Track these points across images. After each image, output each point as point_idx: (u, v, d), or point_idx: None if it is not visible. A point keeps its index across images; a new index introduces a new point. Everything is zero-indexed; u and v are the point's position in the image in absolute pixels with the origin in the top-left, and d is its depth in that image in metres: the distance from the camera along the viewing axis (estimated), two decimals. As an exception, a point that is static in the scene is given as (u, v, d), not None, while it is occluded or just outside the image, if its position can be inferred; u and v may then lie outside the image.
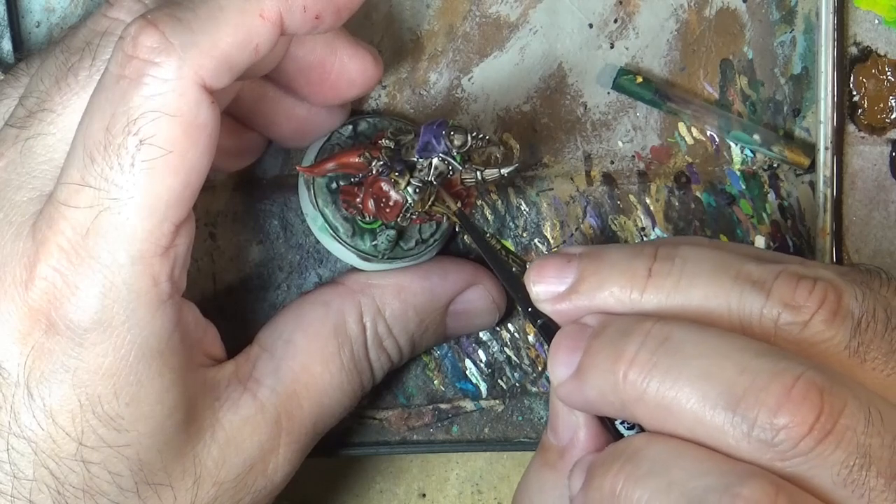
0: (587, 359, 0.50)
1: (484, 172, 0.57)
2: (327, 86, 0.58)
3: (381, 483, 0.67)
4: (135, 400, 0.53)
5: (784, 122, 0.63)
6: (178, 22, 0.51)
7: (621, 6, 0.62)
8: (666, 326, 0.49)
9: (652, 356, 0.49)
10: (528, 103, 0.63)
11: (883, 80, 0.62)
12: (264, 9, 0.52)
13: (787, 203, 0.63)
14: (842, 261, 0.62)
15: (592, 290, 0.52)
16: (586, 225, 0.63)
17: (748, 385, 0.47)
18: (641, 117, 0.63)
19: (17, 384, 0.52)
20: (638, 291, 0.51)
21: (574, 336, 0.51)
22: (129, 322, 0.52)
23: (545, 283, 0.53)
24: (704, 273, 0.50)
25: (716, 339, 0.49)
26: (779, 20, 0.62)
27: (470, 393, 0.64)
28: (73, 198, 0.51)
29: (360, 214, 0.58)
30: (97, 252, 0.51)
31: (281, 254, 0.63)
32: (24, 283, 0.52)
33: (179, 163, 0.51)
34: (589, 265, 0.52)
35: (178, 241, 0.52)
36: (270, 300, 0.63)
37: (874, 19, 0.62)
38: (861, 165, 0.62)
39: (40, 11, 0.62)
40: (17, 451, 0.52)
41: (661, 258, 0.51)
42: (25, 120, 0.54)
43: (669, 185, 0.63)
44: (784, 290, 0.49)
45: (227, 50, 0.51)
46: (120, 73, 0.51)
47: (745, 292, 0.50)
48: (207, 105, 0.51)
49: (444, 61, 0.63)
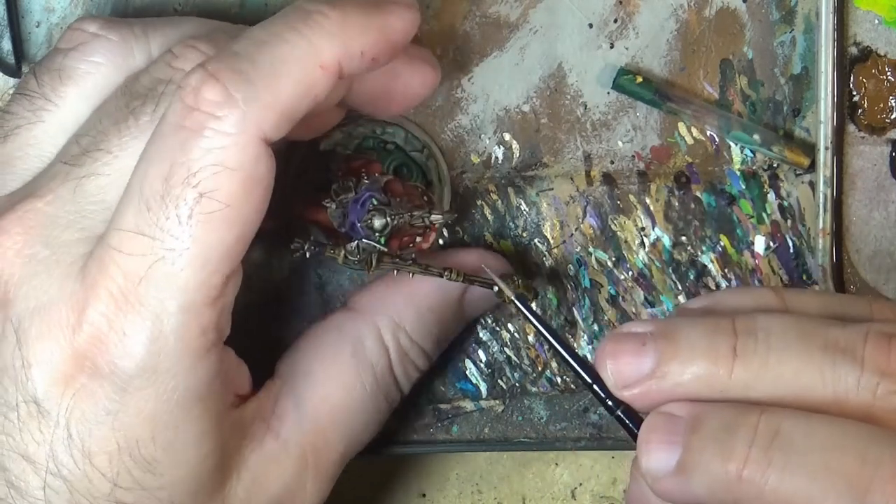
0: (691, 456, 0.48)
1: (431, 217, 0.58)
2: (393, 104, 0.59)
3: (381, 483, 0.67)
4: (172, 445, 0.53)
5: (784, 122, 0.63)
6: (239, 75, 0.51)
7: (621, 6, 0.62)
8: (773, 418, 0.48)
9: (766, 453, 0.47)
10: (528, 103, 0.63)
11: (883, 80, 0.62)
12: (324, 60, 0.51)
13: (787, 203, 0.63)
14: (842, 261, 0.62)
15: (676, 373, 0.49)
16: (586, 225, 0.63)
17: (872, 475, 0.46)
18: (641, 117, 0.63)
19: (58, 424, 0.52)
20: (725, 372, 0.49)
21: (667, 429, 0.49)
22: (175, 370, 0.52)
23: (623, 368, 0.50)
24: (791, 346, 0.49)
25: (827, 427, 0.47)
26: (779, 20, 0.62)
27: (470, 393, 0.64)
28: (126, 244, 0.51)
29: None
30: (147, 300, 0.51)
31: (281, 254, 0.64)
32: (72, 326, 0.52)
33: (236, 216, 0.51)
34: (667, 347, 0.50)
35: (227, 290, 0.52)
36: (270, 300, 0.63)
37: (874, 19, 0.62)
38: (861, 165, 0.62)
39: (40, 11, 0.62)
40: (52, 490, 0.52)
41: (742, 333, 0.49)
42: (79, 158, 0.54)
43: (669, 185, 0.63)
44: (878, 357, 0.48)
45: (288, 102, 0.51)
46: (180, 123, 0.51)
47: (837, 363, 0.48)
48: (266, 158, 0.51)
49: (444, 61, 0.63)
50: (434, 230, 0.60)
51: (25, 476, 0.52)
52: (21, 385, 0.52)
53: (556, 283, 0.64)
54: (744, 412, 0.48)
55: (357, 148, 0.62)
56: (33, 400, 0.52)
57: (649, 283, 0.64)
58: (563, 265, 0.64)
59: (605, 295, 0.64)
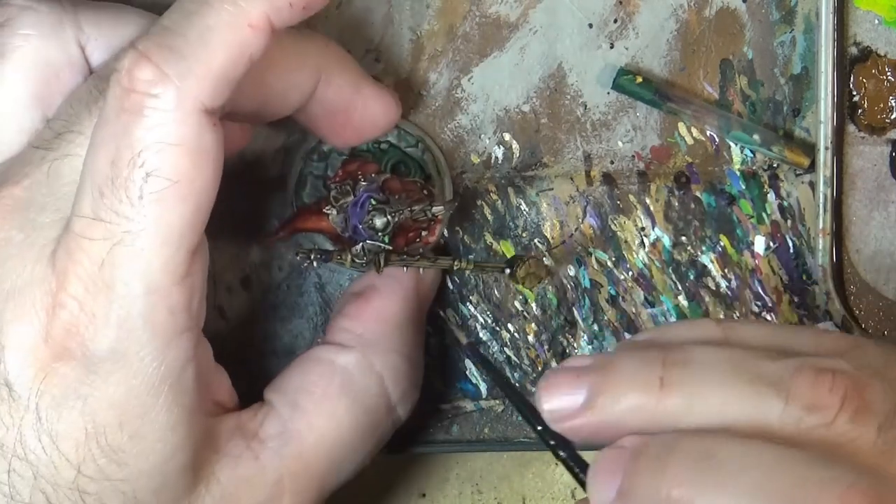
0: (628, 480, 0.49)
1: (432, 209, 0.58)
2: (350, 128, 0.59)
3: (381, 483, 0.67)
4: (138, 434, 0.52)
5: (784, 122, 0.63)
6: (169, 51, 0.51)
7: (621, 6, 0.62)
8: (706, 441, 0.48)
9: (696, 474, 0.47)
10: (528, 103, 0.63)
11: (883, 80, 0.62)
12: (252, 18, 0.51)
13: (787, 203, 0.63)
14: (842, 261, 0.62)
15: (607, 405, 0.50)
16: (586, 225, 0.63)
17: (804, 496, 0.46)
18: (641, 117, 0.63)
19: (27, 408, 0.52)
20: (654, 403, 0.49)
21: (613, 459, 0.49)
22: (143, 352, 0.52)
23: (557, 401, 0.51)
24: (717, 378, 0.49)
25: (758, 449, 0.47)
26: (779, 20, 0.62)
27: (470, 393, 0.64)
28: (87, 230, 0.51)
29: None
30: (113, 283, 0.51)
31: (281, 254, 0.64)
32: (46, 309, 0.52)
33: (188, 190, 0.51)
34: (599, 379, 0.50)
35: (194, 268, 0.52)
36: (270, 300, 0.63)
37: (874, 19, 0.62)
38: (861, 165, 0.62)
39: (40, 11, 0.62)
40: (17, 474, 0.52)
41: (670, 365, 0.50)
42: (52, 141, 0.54)
43: (669, 185, 0.63)
44: (804, 391, 0.48)
45: (223, 69, 0.51)
46: (120, 106, 0.51)
47: (762, 396, 0.48)
48: (210, 128, 0.51)
49: (444, 61, 0.63)
50: (439, 222, 0.61)
51: None
52: None
53: (556, 282, 0.64)
54: (681, 436, 0.49)
55: (352, 152, 0.62)
56: (4, 383, 0.52)
57: (649, 283, 0.64)
58: (563, 265, 0.64)
59: (605, 295, 0.64)
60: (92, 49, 0.56)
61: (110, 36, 0.56)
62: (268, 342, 0.64)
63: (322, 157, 0.62)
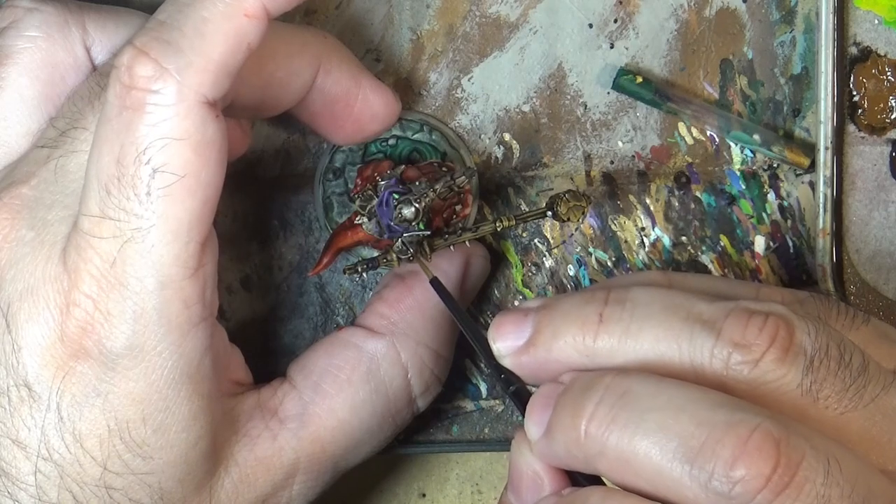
0: (554, 416, 0.50)
1: (456, 181, 0.58)
2: (351, 120, 0.59)
3: (381, 483, 0.67)
4: (162, 426, 0.53)
5: (784, 122, 0.63)
6: (167, 45, 0.51)
7: (621, 6, 0.62)
8: (625, 380, 0.49)
9: (610, 410, 0.48)
10: (528, 103, 0.63)
11: (883, 80, 0.62)
12: (247, 6, 0.51)
13: (787, 203, 0.63)
14: (842, 261, 0.62)
15: (548, 340, 0.52)
16: (586, 225, 0.63)
17: (705, 437, 0.47)
18: (641, 117, 0.63)
19: (49, 408, 0.52)
20: (591, 338, 0.51)
21: (546, 394, 0.51)
22: (160, 347, 0.52)
23: (505, 338, 0.53)
24: (654, 315, 0.50)
25: (672, 390, 0.48)
26: (779, 20, 0.62)
27: (470, 393, 0.64)
28: (95, 229, 0.51)
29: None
30: (126, 280, 0.51)
31: (281, 254, 0.64)
32: (60, 308, 0.52)
33: (195, 183, 0.51)
34: (544, 317, 0.52)
35: (205, 259, 0.53)
36: (270, 300, 0.64)
37: (874, 19, 0.62)
38: (861, 165, 0.62)
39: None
40: (43, 475, 0.53)
41: (611, 302, 0.51)
42: (57, 139, 0.54)
43: (669, 185, 0.63)
44: (734, 329, 0.49)
45: (221, 59, 0.51)
46: (121, 103, 0.51)
47: (694, 333, 0.49)
48: (213, 120, 0.51)
49: (444, 61, 0.63)
50: (468, 192, 0.61)
51: (16, 462, 0.53)
52: (12, 369, 0.52)
53: (555, 282, 0.64)
54: (601, 374, 0.50)
55: (364, 158, 0.62)
56: (24, 384, 0.52)
57: (649, 284, 0.64)
58: (563, 265, 0.64)
59: (605, 295, 0.64)
60: (97, 51, 0.57)
61: (115, 38, 0.57)
62: (268, 342, 0.64)
63: (337, 174, 0.62)
